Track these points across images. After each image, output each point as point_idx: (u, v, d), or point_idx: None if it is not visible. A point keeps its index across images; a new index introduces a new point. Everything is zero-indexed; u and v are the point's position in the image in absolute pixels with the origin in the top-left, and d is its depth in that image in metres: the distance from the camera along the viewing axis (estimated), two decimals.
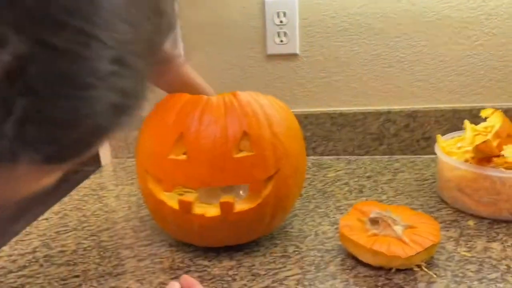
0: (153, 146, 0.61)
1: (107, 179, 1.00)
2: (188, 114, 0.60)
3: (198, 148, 0.58)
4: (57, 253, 0.70)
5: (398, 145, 0.99)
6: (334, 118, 1.00)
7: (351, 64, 0.97)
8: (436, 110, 0.96)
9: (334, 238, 0.68)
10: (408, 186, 0.85)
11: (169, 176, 0.60)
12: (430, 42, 0.93)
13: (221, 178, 0.59)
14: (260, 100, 0.63)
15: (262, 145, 0.60)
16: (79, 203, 0.88)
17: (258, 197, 0.61)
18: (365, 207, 0.68)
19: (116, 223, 0.79)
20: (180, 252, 0.68)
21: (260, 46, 0.99)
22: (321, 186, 0.87)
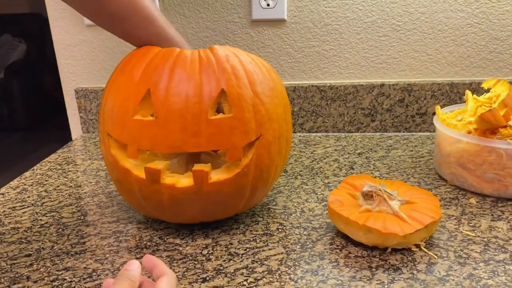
0: (116, 106, 0.53)
1: (76, 153, 0.91)
2: (156, 69, 0.52)
3: (168, 108, 0.50)
4: (9, 230, 0.62)
5: (391, 121, 0.92)
6: (324, 92, 0.92)
7: (343, 32, 0.90)
8: (433, 84, 0.89)
9: (322, 215, 0.61)
10: (403, 163, 0.78)
11: (134, 140, 0.52)
12: (429, 9, 0.86)
13: (194, 143, 0.51)
14: (240, 56, 0.55)
15: (242, 106, 0.52)
16: (41, 177, 0.79)
17: (237, 166, 0.53)
18: (357, 180, 0.61)
19: (80, 198, 0.70)
20: (149, 229, 0.60)
21: (244, 11, 0.91)
22: (308, 163, 0.80)
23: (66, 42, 0.98)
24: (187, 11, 0.92)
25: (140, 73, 0.52)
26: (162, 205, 0.55)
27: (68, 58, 0.99)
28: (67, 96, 1.03)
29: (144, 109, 0.52)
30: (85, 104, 1.00)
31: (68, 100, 1.03)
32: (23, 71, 3.78)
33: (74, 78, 1.01)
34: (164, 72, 0.51)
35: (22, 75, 3.76)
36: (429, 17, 0.87)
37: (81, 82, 1.01)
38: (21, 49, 3.86)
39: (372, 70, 0.92)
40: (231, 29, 0.92)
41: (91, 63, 0.99)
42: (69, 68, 1.00)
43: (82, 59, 0.99)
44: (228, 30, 0.93)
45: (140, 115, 0.51)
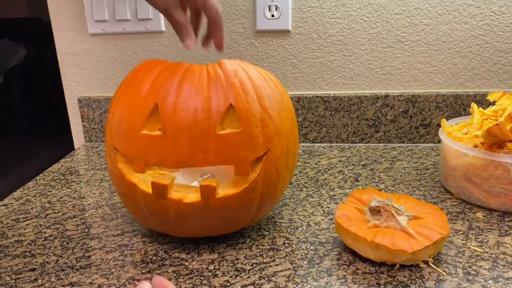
0: (123, 120, 0.53)
1: (79, 163, 0.91)
2: (164, 83, 0.51)
3: (176, 123, 0.50)
4: (13, 243, 0.61)
5: (395, 132, 0.92)
6: (328, 102, 0.92)
7: (347, 43, 0.90)
8: (438, 95, 0.89)
9: (328, 230, 0.61)
10: (408, 175, 0.78)
11: (141, 154, 0.51)
12: (433, 20, 0.86)
13: (202, 158, 0.50)
14: (248, 70, 0.55)
15: (250, 120, 0.51)
16: (44, 188, 0.79)
17: (245, 181, 0.53)
18: (364, 195, 0.60)
19: (84, 210, 0.70)
20: (154, 243, 0.60)
21: (248, 21, 0.91)
22: (313, 174, 0.79)
23: (70, 51, 0.98)
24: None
25: (148, 87, 0.52)
26: (168, 219, 0.54)
27: (71, 67, 0.99)
28: (70, 105, 1.02)
29: (152, 123, 0.51)
30: (88, 113, 0.99)
31: (71, 109, 1.02)
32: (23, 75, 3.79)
33: (77, 87, 1.00)
34: (172, 86, 0.51)
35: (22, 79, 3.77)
36: (434, 28, 0.87)
37: (84, 91, 1.00)
38: (21, 54, 3.87)
39: (376, 81, 0.92)
40: (236, 39, 0.92)
41: (94, 72, 0.99)
42: (72, 77, 1.00)
43: (86, 68, 0.99)
44: (233, 40, 0.93)
45: (148, 130, 0.51)
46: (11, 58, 3.98)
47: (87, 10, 0.93)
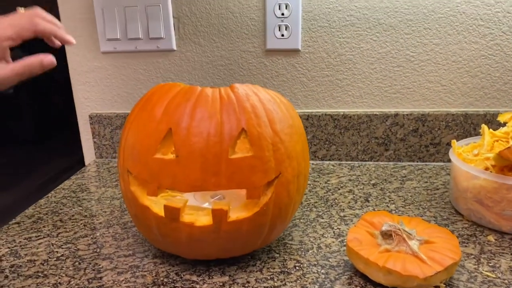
0: (137, 144, 0.53)
1: (89, 180, 0.91)
2: (178, 108, 0.52)
3: (189, 147, 0.50)
4: (25, 262, 0.62)
5: (405, 151, 0.92)
6: (337, 120, 0.92)
7: (357, 62, 0.90)
8: (447, 114, 0.89)
9: (339, 252, 0.61)
10: (418, 196, 0.77)
11: (154, 178, 0.52)
12: (443, 40, 0.87)
13: (214, 182, 0.51)
14: (260, 94, 0.55)
15: (262, 145, 0.52)
16: (56, 206, 0.79)
17: (256, 205, 0.53)
18: (375, 218, 0.60)
19: (96, 229, 0.71)
20: (165, 264, 0.60)
21: (259, 40, 0.92)
22: (323, 194, 0.79)
23: (81, 68, 0.99)
24: (202, 40, 0.93)
25: (162, 112, 0.53)
26: (180, 242, 0.55)
27: (83, 84, 1.00)
28: (81, 121, 1.03)
29: (165, 147, 0.52)
30: (99, 130, 1.00)
31: (82, 125, 1.04)
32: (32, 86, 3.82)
33: (89, 103, 1.01)
34: (185, 111, 0.52)
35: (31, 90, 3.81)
36: (443, 48, 0.87)
37: (95, 107, 1.01)
38: None
39: (386, 99, 0.92)
40: (246, 58, 0.93)
41: (106, 89, 1.00)
42: (84, 94, 1.01)
43: (97, 85, 1.00)
44: (243, 59, 0.93)
45: (161, 154, 0.52)
46: None
47: (99, 29, 0.94)
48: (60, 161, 3.40)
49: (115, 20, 0.93)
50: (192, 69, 0.95)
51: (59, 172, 3.36)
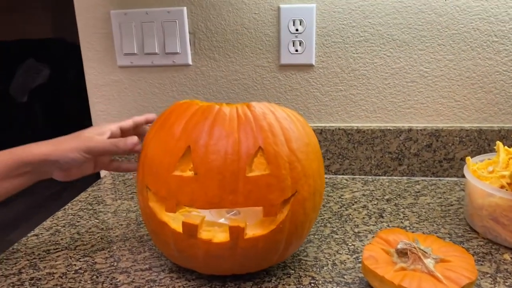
0: (156, 161, 0.54)
1: (105, 192, 0.93)
2: (196, 126, 0.53)
3: (207, 165, 0.51)
4: (45, 275, 0.63)
5: (419, 166, 0.92)
6: (351, 135, 0.93)
7: (371, 78, 0.91)
8: (461, 130, 0.89)
9: (354, 269, 0.61)
10: (432, 212, 0.77)
11: (173, 194, 0.53)
12: (457, 56, 0.87)
13: (232, 200, 0.51)
14: (276, 113, 0.56)
15: (278, 163, 0.53)
16: (73, 218, 0.81)
17: (272, 223, 0.54)
18: (390, 235, 0.60)
19: (112, 242, 0.72)
20: (182, 279, 0.61)
21: (273, 56, 0.93)
22: (337, 209, 0.80)
23: (99, 82, 1.01)
24: (217, 55, 0.95)
25: (181, 130, 0.54)
26: (197, 258, 0.56)
27: (99, 97, 1.02)
28: None
29: (184, 164, 0.53)
30: None
31: None
32: (46, 95, 3.88)
33: (105, 116, 1.03)
34: (204, 129, 0.53)
35: (45, 99, 3.86)
36: (457, 64, 0.87)
37: (111, 120, 1.03)
38: (45, 73, 3.97)
39: (399, 114, 0.92)
40: (260, 73, 0.94)
41: (122, 103, 1.02)
42: (101, 107, 1.03)
43: (114, 99, 1.02)
44: (257, 73, 0.95)
45: (180, 171, 0.53)
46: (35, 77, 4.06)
47: (117, 44, 0.96)
48: None
49: (132, 35, 0.95)
50: (207, 83, 0.97)
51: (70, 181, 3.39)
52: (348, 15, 0.88)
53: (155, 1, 0.93)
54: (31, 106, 3.87)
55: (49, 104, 3.88)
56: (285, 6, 0.89)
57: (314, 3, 0.88)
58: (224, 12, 0.92)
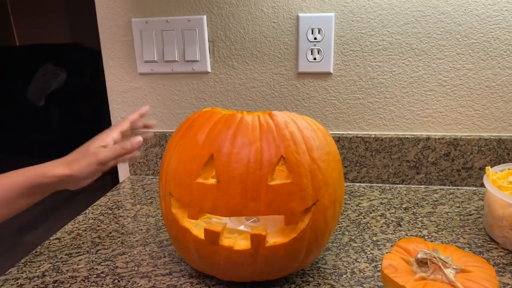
0: (180, 168, 0.55)
1: (124, 197, 0.94)
2: (219, 134, 0.54)
3: (230, 173, 0.52)
4: (67, 278, 0.64)
5: (436, 175, 0.92)
6: (368, 143, 0.93)
7: (389, 86, 0.91)
8: (480, 139, 0.89)
9: (373, 278, 0.61)
10: (451, 221, 0.77)
11: (196, 201, 0.54)
12: (476, 65, 0.87)
13: (254, 208, 0.52)
14: (298, 121, 0.57)
15: (300, 172, 0.53)
16: (93, 222, 0.82)
17: (293, 231, 0.54)
18: (410, 244, 0.61)
19: (133, 247, 0.73)
20: (202, 285, 0.61)
21: (291, 64, 0.94)
22: (354, 217, 0.80)
23: (119, 88, 1.03)
24: (236, 63, 0.96)
25: (204, 138, 0.55)
26: (217, 264, 0.56)
27: (120, 104, 1.04)
28: None
29: (207, 172, 0.54)
30: None
31: None
32: (63, 99, 3.94)
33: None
34: (227, 138, 0.54)
35: (62, 103, 3.92)
36: (476, 73, 0.87)
37: None
38: (62, 78, 4.04)
39: (417, 123, 0.92)
40: (278, 80, 0.95)
41: None
42: (121, 113, 1.05)
43: (134, 105, 1.03)
44: (275, 81, 0.95)
45: (203, 178, 0.54)
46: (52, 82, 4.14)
47: (137, 51, 0.98)
48: None
49: (153, 43, 0.96)
50: (225, 90, 0.98)
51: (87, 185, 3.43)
52: (366, 24, 0.88)
53: (176, 9, 0.95)
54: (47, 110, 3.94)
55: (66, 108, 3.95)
56: (304, 15, 0.90)
57: (333, 12, 0.89)
58: (243, 21, 0.93)
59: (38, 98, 3.98)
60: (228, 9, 0.93)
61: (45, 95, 4.01)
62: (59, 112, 4.00)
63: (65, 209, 2.96)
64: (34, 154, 3.87)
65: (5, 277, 0.65)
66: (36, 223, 2.75)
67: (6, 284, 0.63)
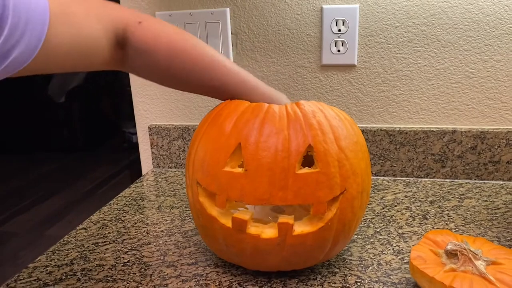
0: (207, 157, 0.55)
1: (148, 188, 0.95)
2: (247, 123, 0.54)
3: (258, 162, 0.52)
4: (95, 267, 0.65)
5: (462, 168, 0.91)
6: (393, 136, 0.92)
7: (414, 78, 0.90)
8: (508, 132, 0.87)
9: (400, 270, 0.61)
10: (478, 214, 0.76)
11: (223, 190, 0.54)
12: (504, 57, 0.85)
13: (281, 196, 0.52)
14: (325, 111, 0.57)
15: (328, 161, 0.53)
16: (118, 213, 0.83)
17: (321, 220, 0.54)
18: (439, 236, 0.60)
19: (158, 237, 0.73)
20: (228, 274, 0.62)
21: (314, 56, 0.93)
22: (379, 210, 0.79)
23: (143, 81, 1.04)
24: (258, 56, 0.96)
25: (231, 127, 0.55)
26: (244, 253, 0.56)
27: (143, 97, 1.05)
28: (140, 132, 1.08)
29: (234, 161, 0.54)
30: (157, 141, 1.04)
31: (141, 135, 1.08)
32: (83, 96, 4.00)
33: (148, 115, 1.06)
34: (254, 126, 0.54)
35: (82, 99, 3.98)
36: (505, 65, 0.85)
37: (154, 119, 1.06)
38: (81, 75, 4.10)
39: (443, 116, 0.91)
40: (301, 73, 0.95)
41: (165, 102, 1.04)
42: (144, 106, 1.05)
43: (156, 98, 1.04)
44: (298, 74, 0.95)
45: (230, 167, 0.54)
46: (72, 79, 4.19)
47: None
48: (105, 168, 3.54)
49: None
50: None
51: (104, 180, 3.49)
52: (392, 15, 0.87)
53: (199, 2, 0.95)
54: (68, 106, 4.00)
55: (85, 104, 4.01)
56: (328, 7, 0.89)
57: (357, 3, 0.88)
58: (266, 13, 0.93)
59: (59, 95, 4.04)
60: (251, 1, 0.93)
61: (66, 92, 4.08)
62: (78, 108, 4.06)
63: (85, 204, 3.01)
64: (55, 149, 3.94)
65: (35, 264, 0.67)
66: (57, 217, 2.80)
67: (36, 271, 0.64)
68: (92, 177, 3.51)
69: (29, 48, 0.44)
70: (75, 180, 3.46)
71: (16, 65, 0.44)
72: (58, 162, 3.82)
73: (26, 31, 0.43)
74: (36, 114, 3.97)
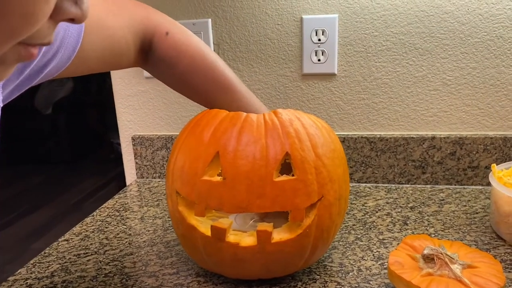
0: (186, 166, 0.56)
1: (132, 199, 0.95)
2: (225, 132, 0.55)
3: (236, 170, 0.53)
4: (76, 278, 0.65)
5: (442, 174, 0.92)
6: (373, 143, 0.93)
7: (393, 86, 0.92)
8: (485, 138, 0.89)
9: (380, 275, 0.61)
10: (457, 219, 0.77)
11: (202, 199, 0.54)
12: (480, 64, 0.87)
13: (259, 204, 0.53)
14: (302, 119, 0.58)
15: (305, 168, 0.54)
16: (101, 224, 0.83)
17: (299, 227, 0.55)
18: (416, 241, 0.61)
19: (140, 247, 0.73)
20: (209, 283, 0.62)
21: (295, 65, 0.94)
22: (360, 216, 0.80)
23: (126, 92, 1.04)
24: (241, 66, 0.97)
25: (210, 135, 0.55)
26: (224, 262, 0.57)
27: (126, 107, 1.05)
28: (123, 142, 1.08)
29: (213, 169, 0.54)
30: (141, 151, 1.04)
31: (124, 146, 1.08)
32: (69, 107, 3.97)
33: (131, 126, 1.06)
34: (232, 135, 0.54)
35: (68, 111, 3.95)
36: (481, 72, 0.87)
37: (137, 130, 1.06)
38: (68, 86, 4.07)
39: (422, 123, 0.92)
40: (282, 82, 0.96)
41: (148, 113, 1.04)
42: (127, 117, 1.06)
43: (140, 109, 1.04)
44: (280, 83, 0.96)
45: (209, 176, 0.54)
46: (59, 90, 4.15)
47: None
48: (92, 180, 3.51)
49: None
50: None
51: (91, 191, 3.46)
52: (370, 24, 0.89)
53: (181, 13, 0.96)
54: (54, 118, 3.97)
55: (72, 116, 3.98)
56: (307, 17, 0.90)
57: (336, 13, 0.89)
58: (247, 24, 0.94)
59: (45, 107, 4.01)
60: (232, 12, 0.94)
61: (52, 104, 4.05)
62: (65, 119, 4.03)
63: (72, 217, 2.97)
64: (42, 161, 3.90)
65: (15, 277, 0.66)
66: (44, 230, 2.76)
67: (16, 284, 0.64)
68: (80, 189, 3.48)
69: (63, 60, 0.46)
70: (62, 193, 3.42)
71: (49, 76, 0.46)
72: (45, 174, 3.78)
73: (63, 45, 0.45)
74: (22, 126, 3.93)
